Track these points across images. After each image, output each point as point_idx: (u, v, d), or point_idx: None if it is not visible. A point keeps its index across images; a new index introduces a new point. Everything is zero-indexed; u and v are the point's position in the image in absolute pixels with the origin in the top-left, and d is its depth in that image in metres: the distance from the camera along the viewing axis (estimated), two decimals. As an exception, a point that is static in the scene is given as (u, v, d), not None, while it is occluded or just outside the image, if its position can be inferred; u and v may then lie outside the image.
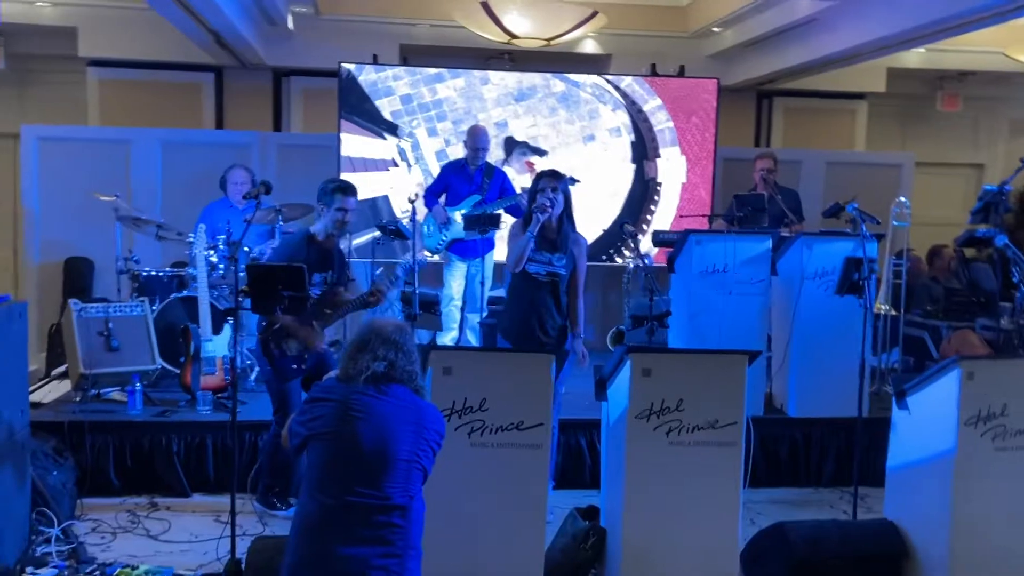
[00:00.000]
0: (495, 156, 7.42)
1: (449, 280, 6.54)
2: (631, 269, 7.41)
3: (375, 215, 7.44)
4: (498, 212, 6.18)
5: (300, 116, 8.71)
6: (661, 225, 7.70)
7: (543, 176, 4.62)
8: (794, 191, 7.02)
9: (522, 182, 7.10)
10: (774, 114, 9.46)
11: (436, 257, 6.73)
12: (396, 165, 7.58)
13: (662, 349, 4.80)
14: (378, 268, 6.86)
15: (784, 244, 5.63)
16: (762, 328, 5.55)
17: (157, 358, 5.64)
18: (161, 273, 6.25)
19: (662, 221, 7.77)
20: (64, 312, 5.62)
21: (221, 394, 5.36)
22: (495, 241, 6.53)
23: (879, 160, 8.95)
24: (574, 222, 4.67)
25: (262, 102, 8.69)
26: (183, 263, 6.37)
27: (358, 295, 4.67)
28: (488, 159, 6.60)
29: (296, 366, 4.51)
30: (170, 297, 5.97)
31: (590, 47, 8.63)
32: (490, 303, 6.46)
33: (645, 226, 7.74)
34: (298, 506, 2.91)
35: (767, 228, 5.92)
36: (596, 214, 7.60)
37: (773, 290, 5.59)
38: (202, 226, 5.77)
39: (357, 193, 4.61)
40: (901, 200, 6.18)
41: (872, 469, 4.79)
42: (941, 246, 7.88)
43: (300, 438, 2.89)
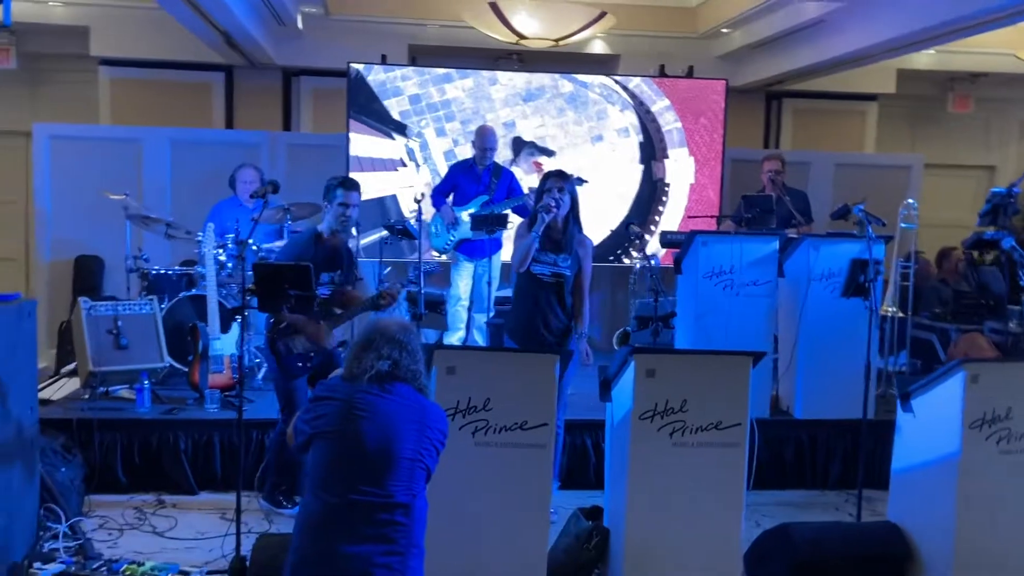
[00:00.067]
0: (503, 156, 7.43)
1: (456, 280, 6.55)
2: (637, 270, 7.41)
3: (383, 214, 7.47)
4: (505, 212, 6.19)
5: (309, 116, 8.75)
6: (669, 226, 7.70)
7: (549, 176, 4.63)
8: (802, 192, 7.00)
9: (530, 182, 7.11)
10: (783, 115, 9.45)
11: (443, 257, 6.75)
12: (404, 165, 7.61)
13: (666, 350, 4.81)
14: (386, 268, 6.89)
15: (791, 246, 5.62)
16: (768, 329, 5.54)
17: (166, 356, 5.66)
18: (170, 271, 6.29)
19: (670, 222, 7.77)
20: (73, 310, 5.66)
21: (229, 392, 5.39)
22: (502, 241, 6.54)
23: (888, 162, 8.93)
24: (580, 223, 4.67)
25: (272, 102, 8.73)
26: (192, 261, 6.41)
27: (368, 296, 4.69)
28: (496, 159, 6.61)
29: (302, 364, 4.53)
30: (179, 295, 6.00)
31: (599, 48, 8.63)
32: (497, 303, 6.48)
33: (653, 227, 7.74)
34: (302, 504, 2.93)
35: (775, 229, 5.91)
36: (603, 215, 7.60)
37: (780, 291, 5.57)
38: (211, 225, 5.80)
39: (360, 188, 4.63)
40: (909, 202, 6.16)
41: (879, 472, 4.77)
42: (950, 248, 7.86)
43: (305, 436, 2.91)
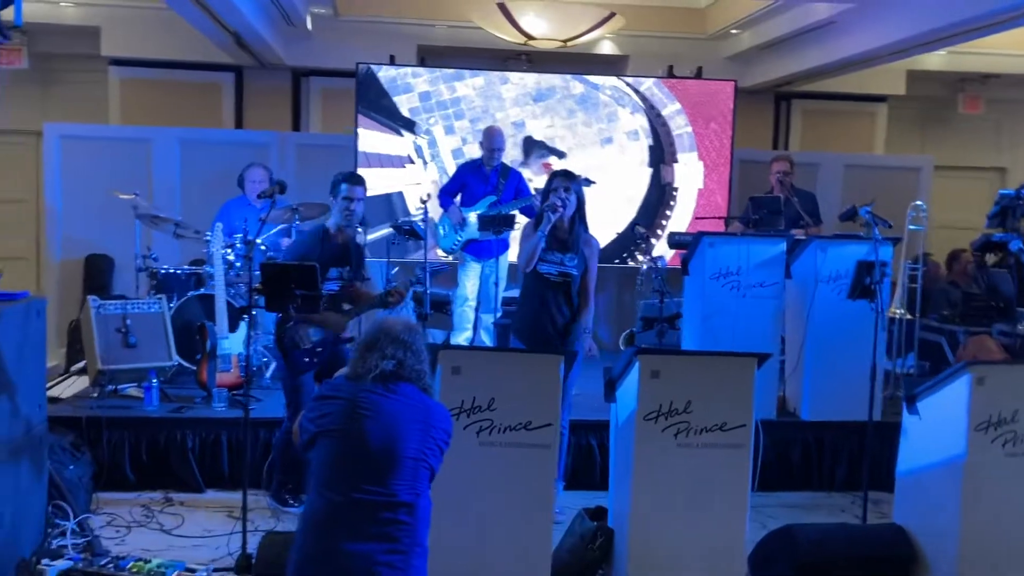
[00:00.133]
0: (511, 156, 7.44)
1: (463, 280, 6.55)
2: (644, 271, 7.41)
3: (389, 211, 7.48)
4: (513, 213, 6.20)
5: (319, 116, 8.79)
6: (676, 230, 7.68)
7: (556, 176, 4.63)
8: (811, 194, 6.99)
9: (541, 183, 7.10)
10: (792, 116, 9.43)
11: (450, 257, 6.76)
12: (412, 162, 7.62)
13: (671, 351, 4.81)
14: (394, 268, 6.90)
15: (798, 247, 5.61)
16: (775, 331, 5.53)
17: (174, 355, 5.69)
18: (179, 271, 6.32)
19: (677, 227, 7.73)
20: (83, 309, 5.70)
21: (236, 391, 5.41)
22: (510, 242, 6.55)
23: (897, 163, 8.91)
24: (586, 224, 4.68)
25: (281, 102, 8.77)
26: (201, 261, 6.43)
27: (377, 293, 4.71)
28: (505, 159, 6.62)
29: (308, 359, 4.54)
30: (187, 295, 6.03)
31: (607, 48, 8.64)
32: (504, 304, 6.48)
33: (660, 231, 7.73)
34: (306, 502, 2.94)
35: (783, 231, 5.90)
36: (610, 218, 7.58)
37: (787, 293, 5.56)
38: (219, 224, 5.83)
39: (364, 183, 4.65)
40: (917, 204, 6.14)
41: (886, 474, 4.74)
42: (960, 250, 7.82)
43: (309, 435, 2.92)
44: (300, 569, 2.79)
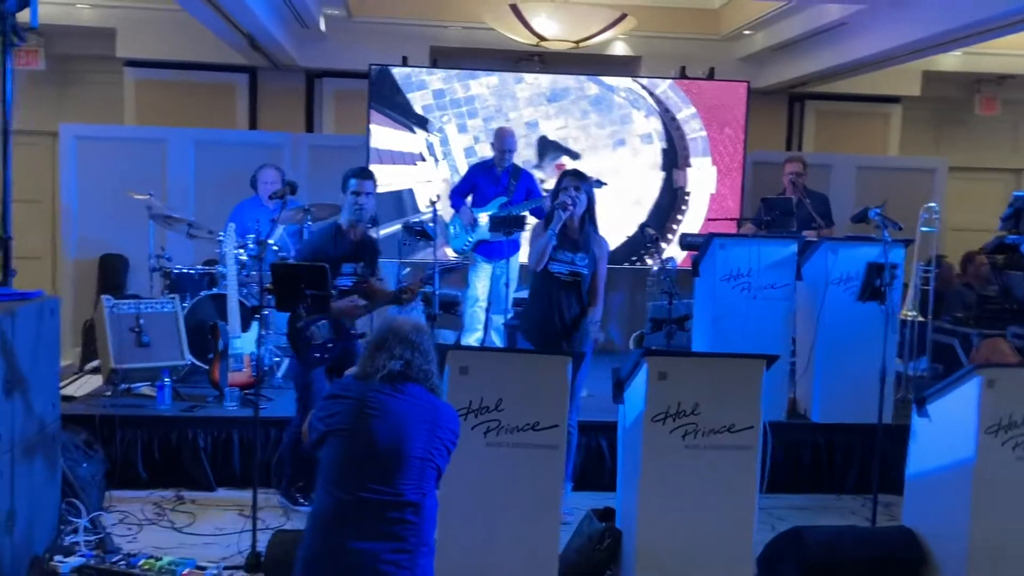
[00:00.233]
0: (524, 156, 7.45)
1: (474, 281, 6.57)
2: (655, 272, 7.40)
3: (399, 208, 7.50)
4: (523, 214, 6.21)
5: (332, 117, 8.82)
6: (688, 231, 7.65)
7: (566, 175, 4.65)
8: (823, 195, 6.97)
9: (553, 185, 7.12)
10: (806, 117, 9.40)
11: (460, 258, 6.78)
12: (424, 160, 7.63)
13: (678, 352, 4.80)
14: (405, 268, 6.92)
15: (809, 249, 5.60)
16: (786, 333, 5.51)
17: (187, 354, 5.74)
18: (192, 271, 6.36)
19: (689, 231, 7.69)
20: (97, 308, 5.74)
21: (248, 390, 5.44)
22: (520, 243, 6.56)
23: (911, 165, 8.86)
24: (596, 224, 4.69)
25: (295, 103, 8.82)
26: (214, 261, 6.47)
27: (391, 290, 4.74)
28: (517, 159, 6.62)
29: (319, 355, 4.57)
30: (200, 294, 6.07)
31: (620, 49, 8.63)
32: (515, 304, 6.49)
33: (670, 235, 7.70)
34: (314, 501, 2.96)
35: (794, 232, 5.89)
36: (621, 220, 7.53)
37: (798, 295, 5.55)
38: (231, 225, 5.87)
39: (374, 178, 4.67)
40: (930, 206, 6.11)
41: (897, 477, 4.72)
42: (975, 252, 7.77)
43: (318, 433, 2.94)
44: (307, 567, 2.81)
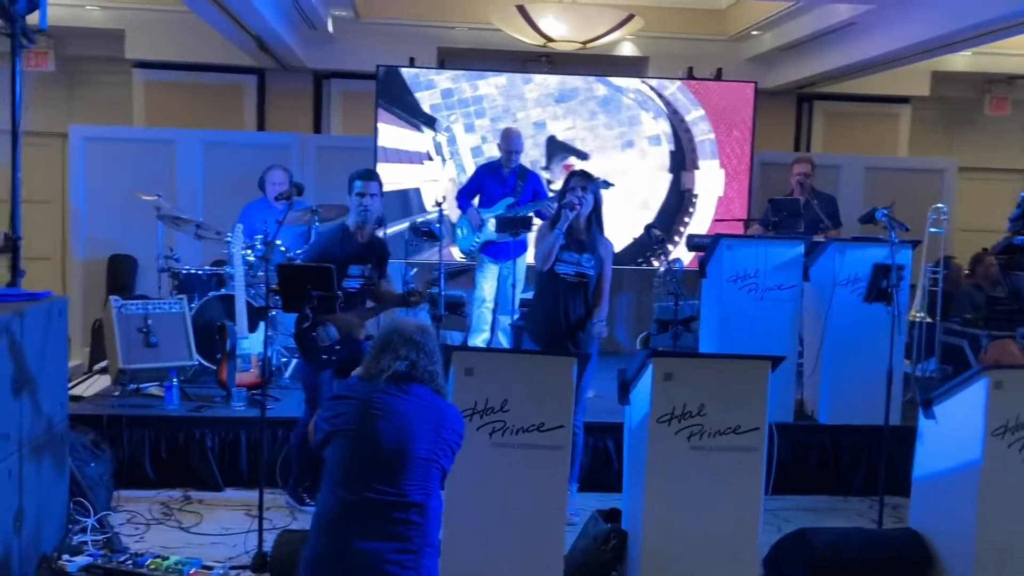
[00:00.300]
0: (531, 156, 7.45)
1: (481, 282, 6.57)
2: (661, 273, 7.39)
3: (405, 207, 7.50)
4: (530, 215, 6.21)
5: (339, 118, 8.84)
6: (696, 232, 7.64)
7: (574, 175, 4.65)
8: (831, 196, 6.95)
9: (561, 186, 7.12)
10: (814, 118, 9.37)
11: (466, 258, 6.78)
12: (431, 159, 7.63)
13: (684, 353, 4.80)
14: (412, 270, 6.93)
15: (816, 250, 5.59)
16: (793, 334, 5.51)
17: (194, 354, 5.77)
18: (200, 271, 6.38)
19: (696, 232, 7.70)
20: (105, 308, 5.77)
21: (255, 391, 5.46)
22: (527, 244, 6.56)
23: (920, 165, 8.83)
24: (603, 226, 4.69)
25: (303, 104, 8.84)
26: (222, 262, 6.50)
27: (399, 292, 4.74)
28: (524, 159, 6.62)
29: (327, 356, 4.58)
30: (208, 295, 6.09)
31: (627, 50, 8.62)
32: (522, 305, 6.49)
33: (677, 238, 7.68)
34: (319, 501, 2.97)
35: (802, 233, 5.87)
36: (628, 222, 7.49)
37: (805, 296, 5.54)
38: (239, 226, 5.89)
39: (378, 179, 4.68)
40: (938, 207, 6.09)
41: (905, 479, 4.71)
42: (984, 253, 7.74)
43: (323, 434, 2.95)
44: (312, 567, 2.82)
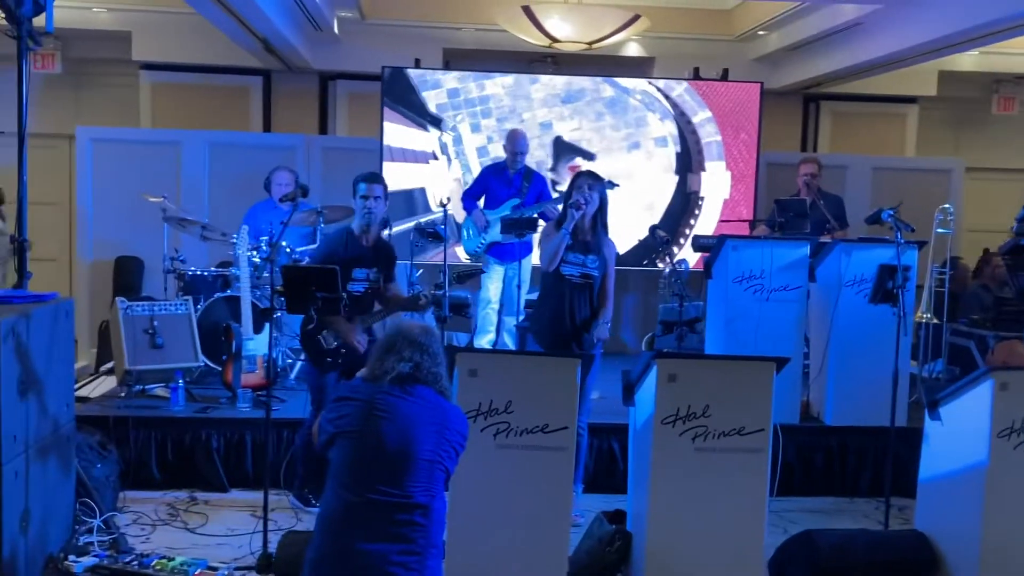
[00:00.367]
0: (537, 157, 7.45)
1: (487, 283, 6.57)
2: (666, 274, 7.37)
3: (410, 207, 7.50)
4: (535, 216, 6.21)
5: (345, 119, 8.86)
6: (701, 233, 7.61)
7: (581, 175, 4.66)
8: (838, 197, 6.93)
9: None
10: (821, 118, 9.35)
11: (471, 260, 6.78)
12: (436, 158, 7.62)
13: (688, 355, 4.79)
14: (418, 271, 6.93)
15: (823, 250, 5.57)
16: (799, 335, 5.48)
17: (200, 355, 5.77)
18: (206, 273, 6.40)
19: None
20: (111, 310, 5.79)
21: (261, 392, 5.47)
22: (532, 245, 6.55)
23: (927, 165, 8.80)
24: (607, 227, 4.69)
25: (308, 105, 8.86)
26: (228, 263, 6.51)
27: (407, 296, 4.75)
28: (530, 160, 6.62)
29: (331, 359, 4.59)
30: (214, 296, 6.11)
31: (633, 50, 8.61)
32: (527, 307, 6.48)
33: (682, 240, 7.67)
34: (323, 502, 2.97)
35: (808, 234, 5.86)
36: (633, 224, 7.49)
37: (811, 297, 5.53)
38: (245, 227, 5.90)
39: (383, 181, 4.68)
40: (945, 207, 6.07)
41: (911, 480, 4.69)
42: (991, 253, 7.71)
43: (327, 435, 2.95)
44: (315, 568, 2.83)
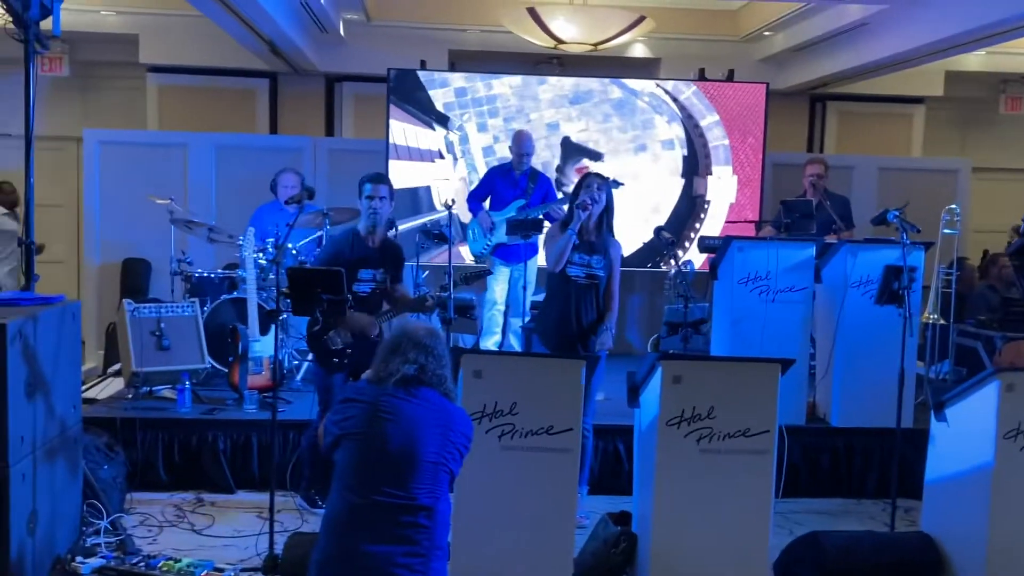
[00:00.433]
0: (544, 157, 7.45)
1: (492, 285, 6.57)
2: (672, 275, 7.37)
3: (415, 205, 7.51)
4: (540, 217, 6.21)
5: (351, 121, 8.88)
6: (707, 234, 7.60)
7: (588, 175, 4.67)
8: (844, 197, 6.92)
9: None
10: (827, 119, 9.34)
11: (477, 260, 6.79)
12: (442, 157, 7.62)
13: (693, 356, 4.78)
14: (424, 272, 6.94)
15: (829, 251, 5.57)
16: (805, 336, 5.48)
17: (206, 357, 5.79)
18: (212, 274, 6.41)
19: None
20: (118, 312, 5.81)
21: (267, 393, 5.48)
22: (538, 246, 6.56)
23: (934, 166, 8.78)
24: (612, 228, 4.69)
25: (314, 107, 8.88)
26: (234, 265, 6.53)
27: (414, 298, 4.76)
28: (536, 160, 6.62)
29: (338, 360, 4.60)
30: (220, 298, 6.12)
31: (639, 51, 8.61)
32: (533, 308, 6.49)
33: (687, 243, 7.66)
34: (328, 504, 2.98)
35: (814, 235, 5.85)
36: (639, 226, 7.45)
37: (817, 298, 5.52)
38: (251, 229, 5.91)
39: (388, 182, 4.68)
40: (951, 208, 6.05)
41: (917, 482, 4.68)
42: (998, 254, 7.69)
43: (332, 437, 2.96)
44: (321, 570, 2.83)
